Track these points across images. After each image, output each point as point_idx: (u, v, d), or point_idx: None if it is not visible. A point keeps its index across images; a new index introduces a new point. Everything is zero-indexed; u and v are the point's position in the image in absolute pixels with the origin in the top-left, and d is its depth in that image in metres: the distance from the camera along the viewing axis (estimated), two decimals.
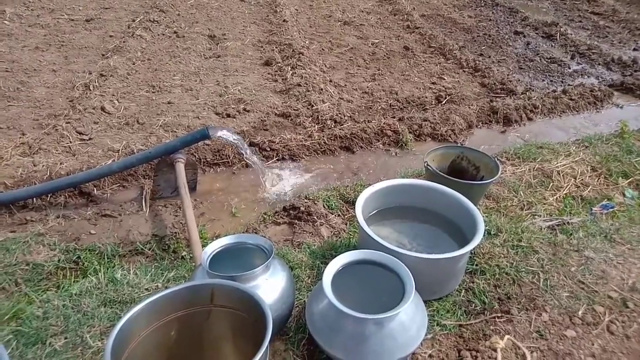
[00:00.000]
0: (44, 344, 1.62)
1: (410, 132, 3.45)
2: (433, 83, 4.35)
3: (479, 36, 5.75)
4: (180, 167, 2.52)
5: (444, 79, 4.44)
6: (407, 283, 1.61)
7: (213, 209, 2.62)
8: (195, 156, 2.91)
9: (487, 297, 1.94)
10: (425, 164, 2.46)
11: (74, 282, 1.93)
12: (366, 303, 1.73)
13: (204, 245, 1.85)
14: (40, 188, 2.44)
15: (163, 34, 5.17)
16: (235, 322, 1.34)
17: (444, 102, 3.97)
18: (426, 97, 4.03)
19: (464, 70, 4.65)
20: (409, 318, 1.58)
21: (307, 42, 5.20)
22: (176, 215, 2.51)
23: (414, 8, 6.59)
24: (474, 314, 1.89)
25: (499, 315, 1.86)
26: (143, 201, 2.59)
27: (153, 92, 3.86)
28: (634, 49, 5.50)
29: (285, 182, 2.89)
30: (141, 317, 1.23)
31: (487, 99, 4.04)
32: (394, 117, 3.68)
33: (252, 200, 2.72)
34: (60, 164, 2.75)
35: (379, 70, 4.60)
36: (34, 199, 2.51)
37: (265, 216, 2.53)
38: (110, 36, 5.04)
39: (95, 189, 2.64)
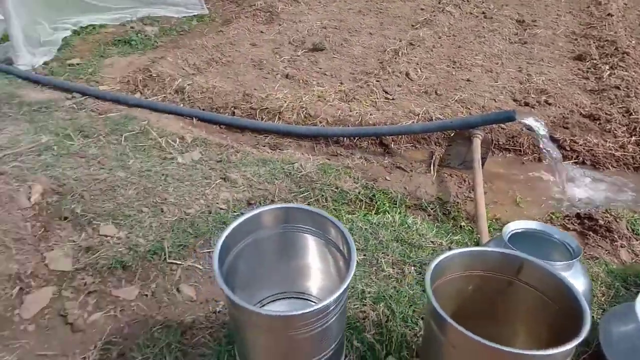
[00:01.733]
0: None
1: None
2: None
3: None
4: (477, 143, 2.57)
5: None
6: None
7: (497, 191, 2.61)
8: (488, 136, 2.91)
9: None
10: None
11: (374, 213, 2.23)
12: None
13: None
14: (354, 131, 2.86)
15: (471, 13, 5.22)
16: (535, 303, 1.34)
17: None
18: None
19: None
20: None
21: (633, 41, 4.48)
22: (459, 187, 2.60)
23: None
24: None
25: None
26: (432, 165, 2.76)
27: (453, 68, 3.97)
28: None
29: (581, 188, 2.65)
30: (455, 262, 1.34)
31: None
32: None
33: (538, 195, 2.59)
34: (370, 114, 3.13)
35: None
36: (346, 138, 2.95)
37: (552, 216, 2.38)
38: (422, 9, 5.36)
39: (392, 143, 2.94)
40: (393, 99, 3.46)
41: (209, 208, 2.33)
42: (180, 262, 2.11)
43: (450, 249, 1.96)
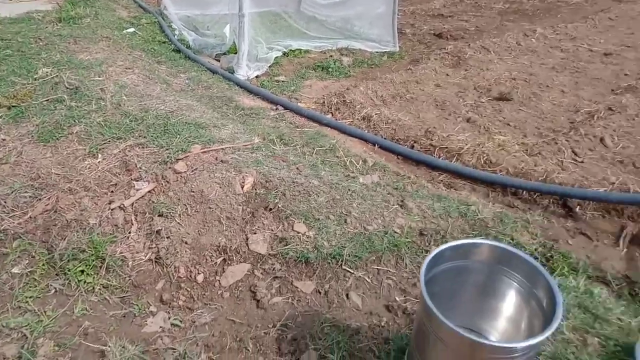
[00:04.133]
0: None
1: None
2: None
3: None
4: None
5: None
6: None
7: None
8: None
9: None
10: None
11: (554, 275, 2.18)
12: None
13: None
14: (540, 186, 2.81)
15: None
16: None
17: None
18: None
19: None
20: None
21: None
22: None
23: None
24: None
25: None
26: (622, 239, 2.56)
27: None
28: None
29: None
30: None
31: None
32: None
33: None
34: (556, 173, 3.03)
35: None
36: (528, 192, 2.91)
37: None
38: (626, 75, 4.96)
39: (578, 207, 2.80)
40: (582, 162, 3.28)
41: (385, 229, 2.51)
42: (352, 271, 2.32)
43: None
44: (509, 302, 1.58)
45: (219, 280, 2.38)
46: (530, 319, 1.48)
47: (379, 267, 2.37)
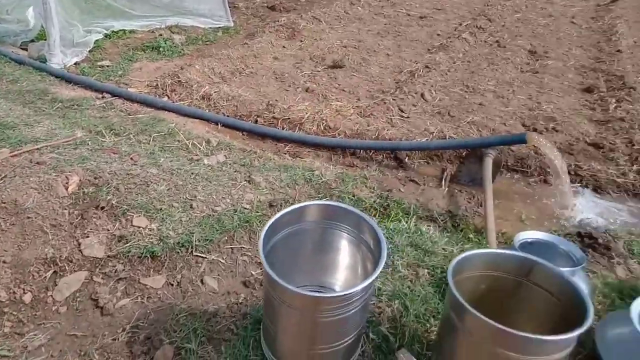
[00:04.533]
0: None
1: None
2: None
3: None
4: (488, 162, 2.72)
5: None
6: None
7: (503, 209, 2.74)
8: (500, 157, 3.07)
9: None
10: None
11: (389, 220, 2.38)
12: None
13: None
14: (372, 144, 3.02)
15: (485, 41, 5.42)
16: (543, 301, 1.47)
17: None
18: None
19: None
20: None
21: None
22: (469, 202, 2.74)
23: None
24: None
25: None
26: (443, 180, 2.91)
27: (466, 92, 4.15)
28: None
29: (583, 210, 2.78)
30: (474, 262, 1.49)
31: None
32: None
33: (542, 214, 2.73)
34: (386, 130, 3.29)
35: None
36: (364, 150, 3.11)
37: (554, 233, 2.52)
38: (438, 34, 5.58)
39: (407, 157, 3.09)
40: (408, 117, 3.62)
41: (234, 207, 2.47)
42: (205, 256, 2.25)
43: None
44: (344, 253, 1.68)
45: (51, 296, 2.11)
46: (364, 263, 1.60)
47: (232, 246, 2.34)
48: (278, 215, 1.53)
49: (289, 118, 3.47)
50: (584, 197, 2.91)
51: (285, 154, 3.21)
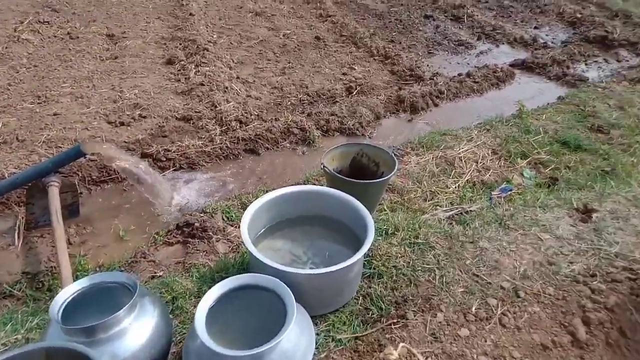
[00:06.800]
0: None
1: (317, 128, 3.35)
2: (344, 74, 4.28)
3: (390, 22, 5.74)
4: (54, 192, 2.26)
5: (355, 69, 4.37)
6: (289, 306, 1.51)
7: (98, 234, 2.39)
8: (78, 175, 2.65)
9: (384, 303, 1.88)
10: (322, 166, 2.36)
11: None
12: (253, 332, 1.62)
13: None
14: None
15: (54, 36, 4.73)
16: None
17: (354, 93, 3.91)
18: (337, 89, 3.95)
19: (374, 59, 4.61)
20: (292, 345, 1.48)
21: (214, 36, 4.95)
22: (53, 246, 2.26)
23: None
24: (371, 323, 1.82)
25: (395, 321, 1.81)
26: (16, 233, 2.31)
27: (38, 104, 3.49)
28: (535, 27, 5.71)
29: (182, 195, 2.70)
30: None
31: (396, 88, 4.02)
32: (302, 113, 3.57)
33: (144, 219, 2.52)
34: None
35: (289, 63, 4.46)
36: None
37: (156, 237, 2.34)
38: None
39: None
40: None
41: None
42: None
43: (27, 340, 1.64)
44: None
45: None
46: None
47: None
48: None
49: None
50: (179, 180, 2.83)
51: None
